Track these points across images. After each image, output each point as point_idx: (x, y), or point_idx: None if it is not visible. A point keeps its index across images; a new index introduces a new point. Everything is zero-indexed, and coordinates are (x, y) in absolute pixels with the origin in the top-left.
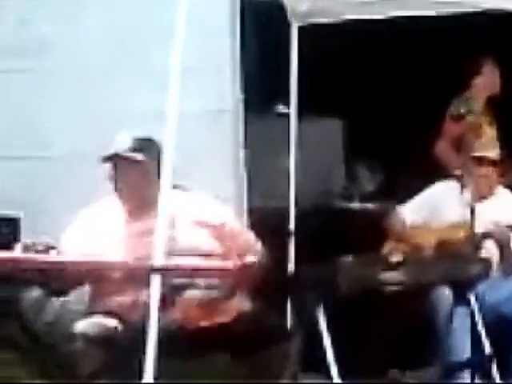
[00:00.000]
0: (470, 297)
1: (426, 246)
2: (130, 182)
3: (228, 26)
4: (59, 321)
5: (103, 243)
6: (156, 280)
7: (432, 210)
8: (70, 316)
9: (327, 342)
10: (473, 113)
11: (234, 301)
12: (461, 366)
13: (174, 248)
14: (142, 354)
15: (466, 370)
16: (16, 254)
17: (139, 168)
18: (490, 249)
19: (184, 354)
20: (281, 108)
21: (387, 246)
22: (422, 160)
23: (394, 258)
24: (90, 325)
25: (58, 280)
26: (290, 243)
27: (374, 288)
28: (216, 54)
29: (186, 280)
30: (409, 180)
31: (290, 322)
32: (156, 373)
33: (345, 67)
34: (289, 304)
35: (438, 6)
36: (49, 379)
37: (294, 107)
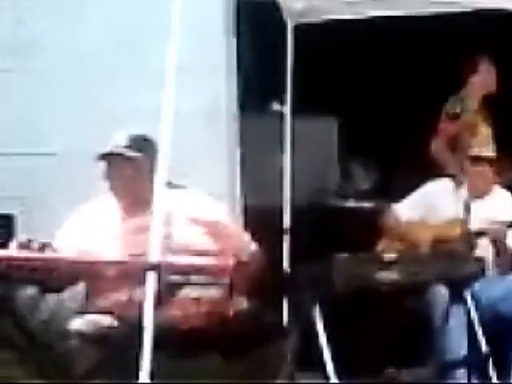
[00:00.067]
0: (466, 295)
1: (422, 243)
2: (124, 180)
3: (223, 25)
4: (54, 319)
5: (99, 240)
6: (151, 277)
7: (428, 207)
8: (65, 314)
9: (323, 341)
10: (468, 111)
11: (230, 299)
12: (457, 365)
13: (169, 245)
14: (138, 351)
15: (463, 369)
16: (11, 252)
17: (134, 165)
18: (486, 246)
19: (179, 352)
20: (276, 107)
21: (382, 244)
22: (417, 158)
23: (389, 257)
24: (85, 323)
25: (53, 278)
26: (286, 241)
27: (370, 286)
28: (211, 54)
29: (182, 277)
30: (404, 178)
31: (286, 320)
32: (151, 372)
33: (340, 66)
34: (285, 302)
35: (435, 5)
36: (44, 378)
37: (289, 106)
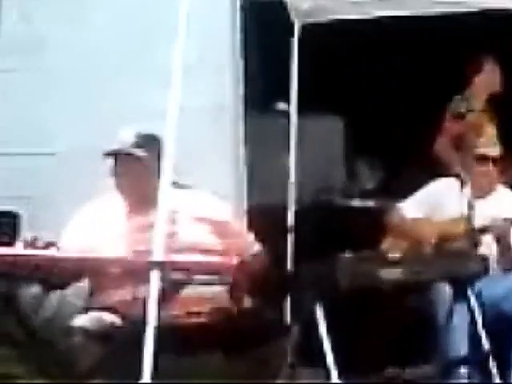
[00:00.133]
0: (470, 294)
1: (426, 241)
2: (131, 178)
3: (229, 23)
4: (58, 315)
5: (104, 238)
6: (155, 275)
7: (432, 206)
8: (68, 310)
9: (325, 339)
10: (473, 111)
11: (234, 297)
12: (459, 363)
13: (174, 244)
14: (141, 349)
15: (465, 367)
16: (16, 250)
17: (141, 164)
18: (489, 244)
19: (182, 349)
20: (282, 106)
21: (386, 243)
22: (422, 158)
23: (393, 255)
24: (89, 319)
25: (57, 276)
26: (290, 240)
27: (374, 285)
28: (217, 52)
29: (186, 276)
30: (409, 177)
31: (288, 318)
32: (154, 370)
33: (346, 65)
34: (288, 301)
35: (441, 5)
36: (47, 376)
37: (294, 104)
